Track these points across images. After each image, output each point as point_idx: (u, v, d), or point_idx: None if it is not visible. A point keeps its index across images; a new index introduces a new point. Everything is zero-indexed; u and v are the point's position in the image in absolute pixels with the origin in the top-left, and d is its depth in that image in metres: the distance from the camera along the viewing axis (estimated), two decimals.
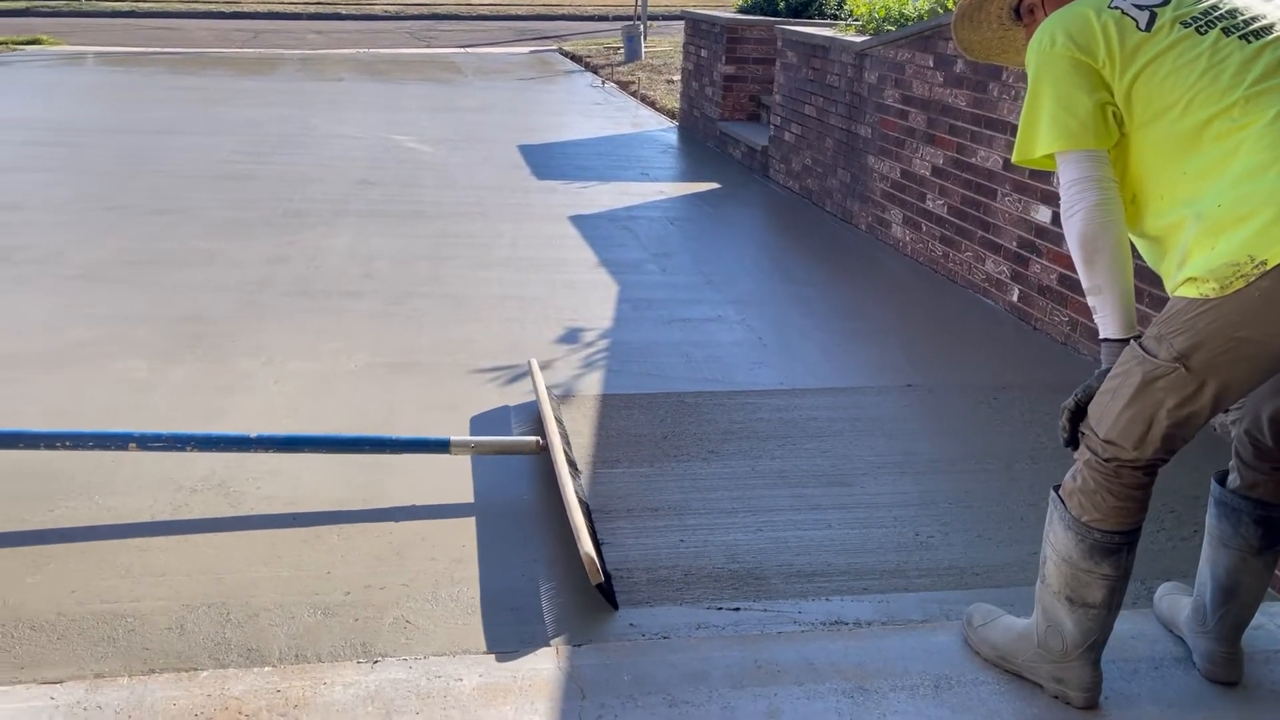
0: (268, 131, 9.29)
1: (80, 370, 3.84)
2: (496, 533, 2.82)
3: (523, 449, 3.09)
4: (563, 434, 3.29)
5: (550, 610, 2.48)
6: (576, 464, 3.19)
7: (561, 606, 2.50)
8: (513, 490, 3.07)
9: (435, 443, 3.02)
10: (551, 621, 2.44)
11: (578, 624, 2.43)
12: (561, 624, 2.43)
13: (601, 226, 6.25)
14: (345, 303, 4.73)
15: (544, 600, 2.52)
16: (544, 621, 2.44)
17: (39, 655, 2.24)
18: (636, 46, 15.37)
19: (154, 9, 23.44)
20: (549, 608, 2.49)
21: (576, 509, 2.68)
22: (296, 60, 15.81)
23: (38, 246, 5.42)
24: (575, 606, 2.50)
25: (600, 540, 2.76)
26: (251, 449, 2.97)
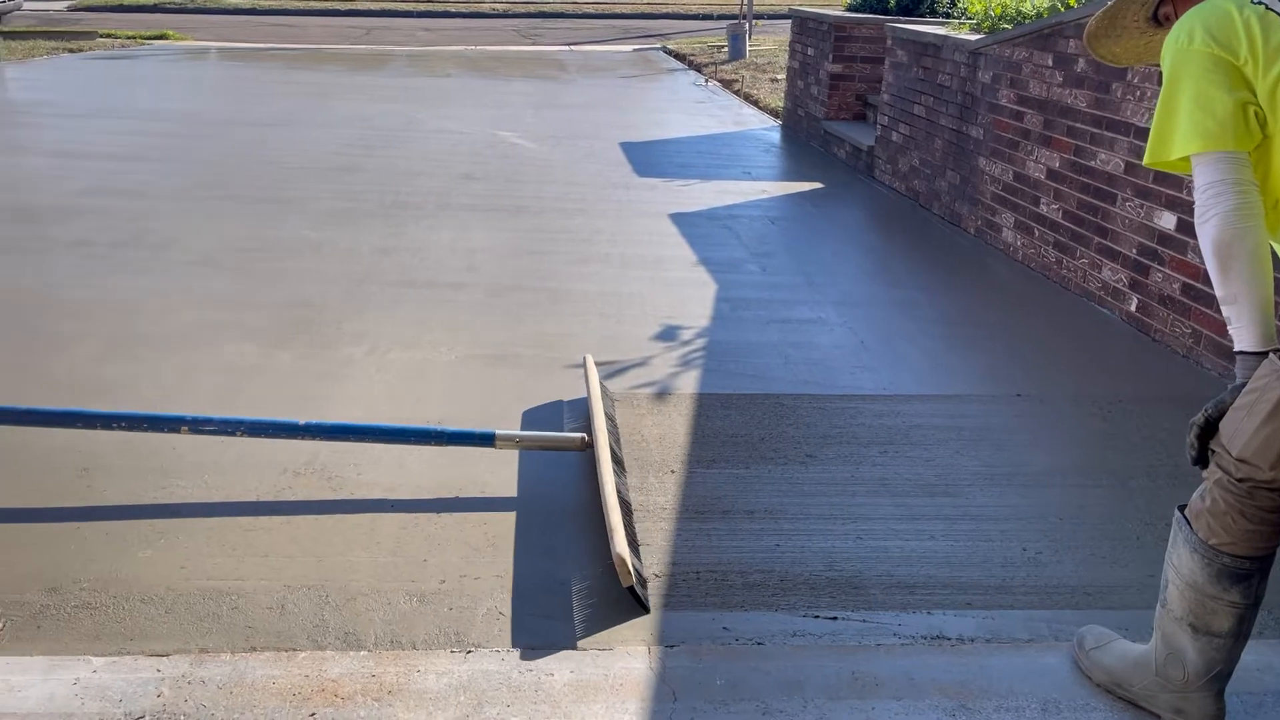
0: (376, 125, 9.50)
1: (194, 352, 3.97)
2: (594, 528, 2.80)
3: (568, 445, 3.04)
4: (613, 432, 3.25)
5: (665, 600, 2.45)
6: (623, 462, 3.14)
7: (657, 605, 2.47)
8: None
9: (480, 436, 2.98)
10: (644, 620, 2.41)
11: (671, 624, 2.40)
12: (654, 623, 2.40)
13: (701, 224, 6.21)
14: (447, 294, 4.78)
15: (649, 595, 2.49)
16: (637, 620, 2.41)
17: (148, 628, 2.31)
18: (741, 45, 15.26)
19: (274, 6, 24.23)
20: (650, 603, 2.46)
21: (614, 509, 2.63)
22: (405, 56, 16.15)
23: (158, 233, 5.63)
24: (672, 605, 2.46)
25: (639, 541, 2.72)
26: (300, 436, 2.96)
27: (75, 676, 2.09)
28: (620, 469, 3.05)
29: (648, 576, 2.58)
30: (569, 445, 3.04)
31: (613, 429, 3.30)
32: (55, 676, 2.09)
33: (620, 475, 3.00)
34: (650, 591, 2.52)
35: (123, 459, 3.06)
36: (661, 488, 3.04)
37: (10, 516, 2.73)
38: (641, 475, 3.10)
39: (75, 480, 2.95)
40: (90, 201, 6.29)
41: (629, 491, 2.98)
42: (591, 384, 3.45)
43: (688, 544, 2.75)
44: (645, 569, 2.60)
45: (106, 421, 2.95)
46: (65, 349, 3.96)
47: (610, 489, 2.73)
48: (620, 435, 3.34)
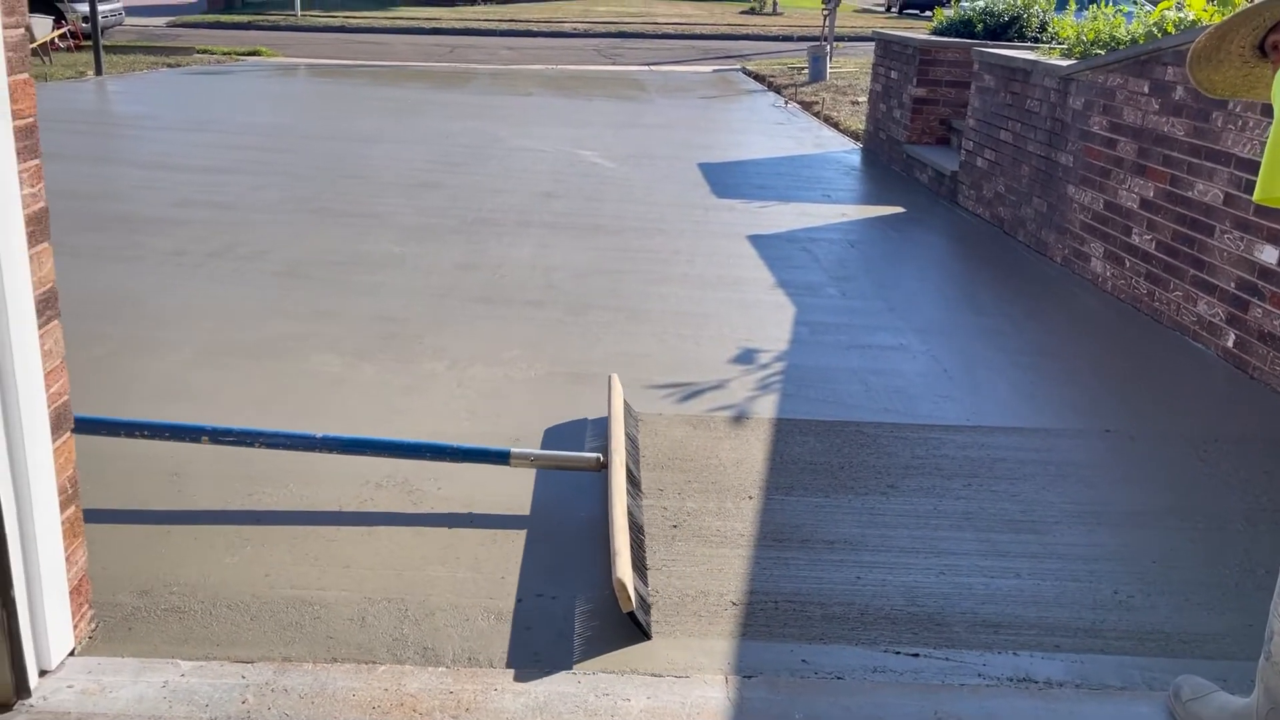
0: (459, 142, 9.65)
1: (281, 362, 4.06)
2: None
3: (583, 465, 3.00)
4: (633, 454, 3.21)
5: (724, 636, 2.43)
6: (640, 483, 3.11)
7: (735, 633, 2.44)
8: (691, 509, 3.03)
9: (496, 453, 2.96)
10: (722, 648, 2.38)
11: (749, 654, 2.36)
12: (731, 652, 2.37)
13: (780, 247, 6.17)
14: (527, 311, 4.82)
15: (725, 623, 2.47)
16: (714, 647, 2.38)
17: (233, 634, 2.35)
18: (821, 67, 15.20)
19: (362, 24, 24.87)
20: (726, 631, 2.44)
21: (621, 531, 2.58)
22: (488, 74, 16.41)
23: (249, 244, 5.79)
24: (750, 634, 2.43)
25: (647, 565, 2.68)
26: (317, 449, 2.96)
27: (164, 679, 2.14)
28: (636, 490, 3.03)
29: (652, 602, 2.54)
30: (584, 465, 3.01)
31: (632, 449, 3.27)
32: (144, 679, 2.14)
33: (635, 497, 2.97)
34: (727, 619, 2.49)
35: (211, 465, 3.13)
36: (739, 513, 3.01)
37: (105, 518, 2.80)
38: (719, 500, 3.08)
39: (166, 485, 3.03)
40: (186, 212, 6.49)
41: (642, 513, 2.94)
42: (614, 404, 3.40)
43: (765, 572, 2.71)
44: (650, 593, 2.56)
45: (130, 430, 2.94)
46: (158, 355, 4.08)
47: (619, 511, 2.69)
48: (685, 458, 3.32)
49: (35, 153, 1.98)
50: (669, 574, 2.68)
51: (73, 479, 2.20)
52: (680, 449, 3.42)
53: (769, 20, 30.11)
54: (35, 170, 1.98)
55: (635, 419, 3.58)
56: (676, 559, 2.76)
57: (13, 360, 1.92)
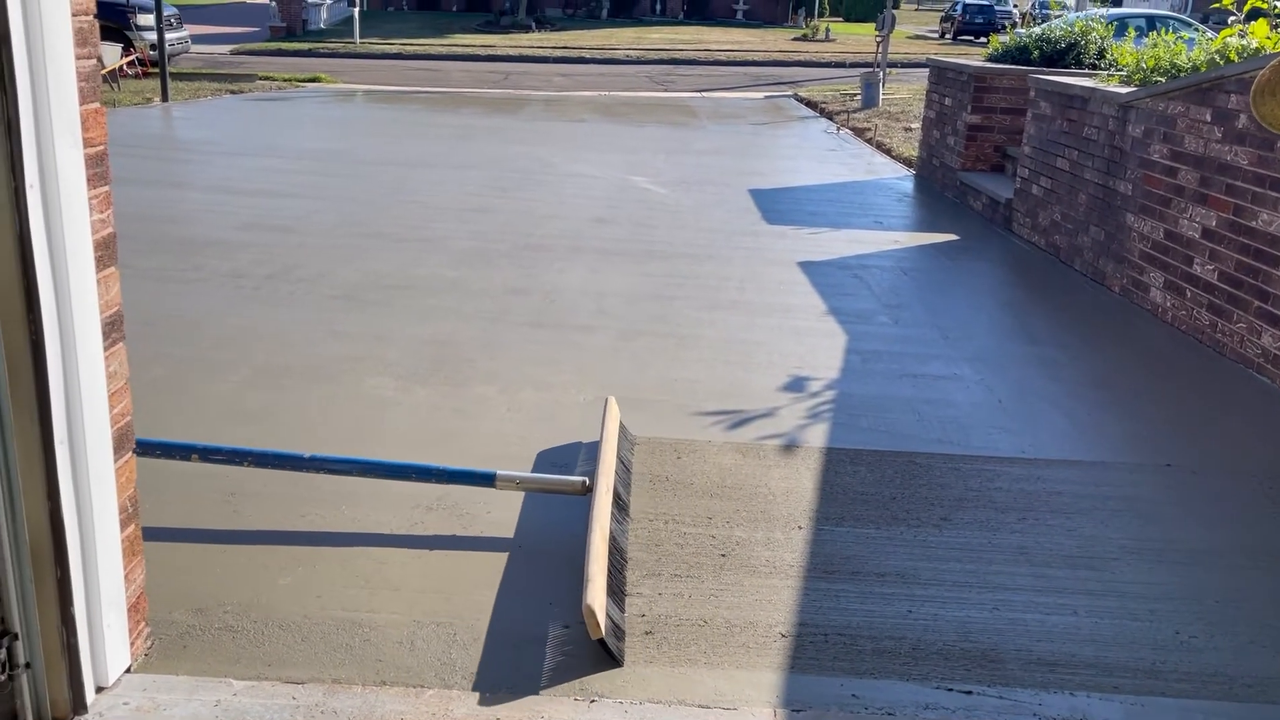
0: (512, 168, 9.76)
1: (336, 384, 4.11)
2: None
3: (568, 488, 3.00)
4: (624, 478, 3.20)
5: (773, 668, 2.40)
6: (628, 508, 3.09)
7: (783, 665, 2.41)
8: (739, 539, 3.01)
9: (481, 475, 2.97)
10: (769, 680, 2.35)
11: (797, 687, 2.33)
12: (779, 685, 2.34)
13: (832, 274, 6.14)
14: (577, 336, 4.84)
15: (774, 655, 2.44)
16: (763, 679, 2.35)
17: (285, 654, 2.37)
18: (874, 93, 15.15)
19: (418, 51, 25.30)
20: (774, 664, 2.41)
21: (597, 558, 2.56)
22: (541, 101, 16.60)
23: (306, 267, 5.89)
24: (798, 667, 2.40)
25: (625, 591, 2.66)
26: (305, 469, 2.98)
27: (217, 698, 2.16)
28: (623, 514, 3.02)
29: (627, 630, 2.51)
30: (569, 489, 3.01)
31: (624, 473, 3.26)
32: (198, 697, 2.16)
33: (621, 521, 2.96)
34: (775, 651, 2.47)
35: (266, 486, 3.18)
36: (788, 544, 2.98)
37: (162, 536, 2.85)
38: (768, 530, 3.05)
39: (221, 505, 3.08)
40: (246, 235, 6.63)
41: (626, 537, 2.93)
42: (608, 427, 3.37)
43: (814, 604, 2.68)
44: (625, 621, 2.54)
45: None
46: (217, 376, 4.16)
47: (597, 537, 2.66)
48: (734, 486, 3.30)
49: (105, 179, 2.04)
50: (717, 604, 2.66)
51: (133, 498, 2.24)
52: (729, 477, 3.40)
53: (821, 47, 30.12)
54: (105, 197, 2.04)
55: (631, 442, 3.57)
56: (725, 589, 2.74)
57: (79, 381, 1.97)
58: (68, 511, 1.98)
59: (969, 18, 35.19)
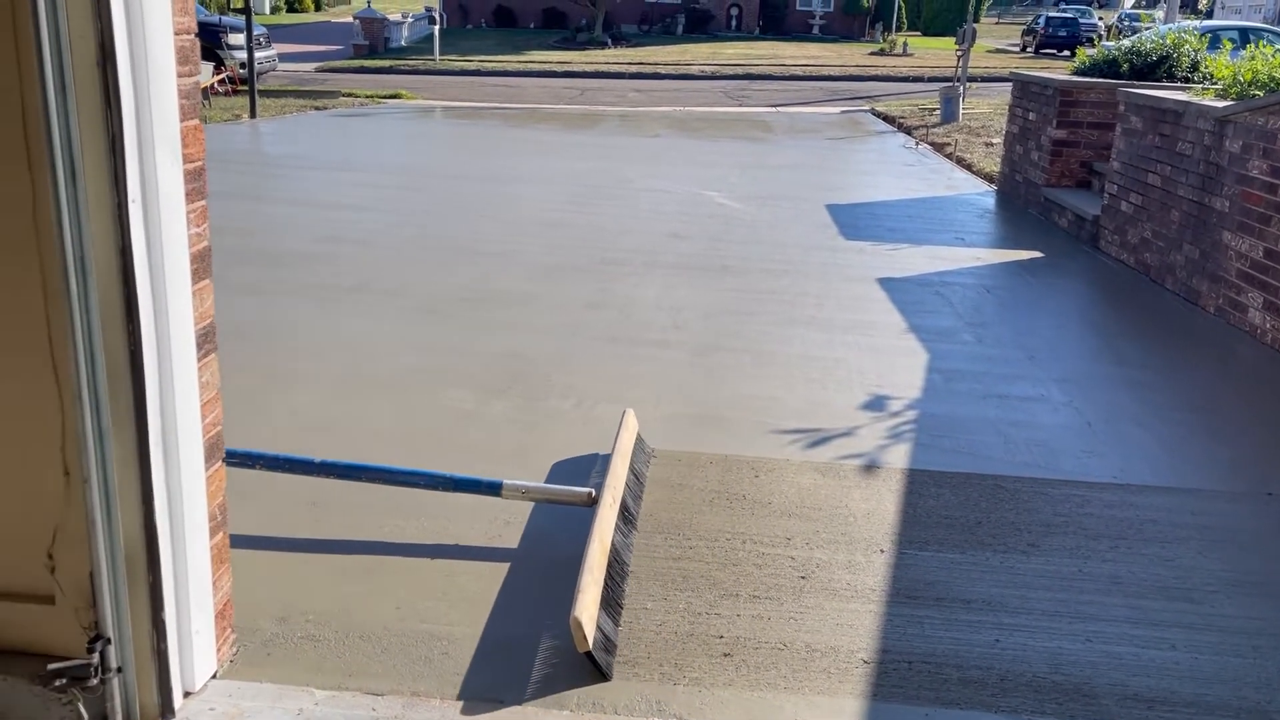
0: (587, 183, 9.81)
1: (415, 395, 4.16)
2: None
3: (574, 499, 2.97)
4: (635, 490, 3.18)
5: (854, 695, 2.34)
6: (635, 520, 3.06)
7: (866, 693, 2.35)
8: (820, 560, 2.95)
9: (488, 484, 2.95)
10: (853, 707, 2.29)
11: (880, 716, 2.27)
12: (862, 713, 2.28)
13: (911, 291, 6.03)
14: (652, 351, 4.83)
15: (856, 682, 2.38)
16: (846, 706, 2.30)
17: (365, 665, 2.39)
18: (954, 108, 14.92)
19: (496, 68, 25.67)
20: (856, 691, 2.35)
21: (591, 569, 2.51)
22: (617, 116, 16.69)
23: (386, 280, 5.98)
24: (881, 695, 2.34)
25: (621, 604, 2.63)
26: (315, 473, 2.98)
27: (299, 707, 2.18)
28: (629, 527, 3.00)
29: (618, 641, 2.49)
30: (575, 500, 2.98)
31: (636, 486, 3.23)
32: (281, 705, 2.19)
33: (627, 534, 2.94)
34: (857, 677, 2.41)
35: (346, 496, 3.21)
36: (869, 567, 2.92)
37: (248, 544, 2.90)
38: (849, 553, 2.99)
39: (305, 513, 3.12)
40: (329, 248, 6.76)
41: (630, 551, 2.91)
42: (622, 439, 3.34)
43: (898, 630, 2.62)
44: (618, 633, 2.52)
45: None
46: (298, 387, 4.24)
47: (595, 549, 2.61)
48: (813, 507, 3.24)
49: (202, 194, 2.08)
50: (797, 627, 2.61)
51: (222, 506, 2.28)
52: (808, 497, 3.34)
53: (899, 61, 29.80)
54: (201, 211, 2.08)
55: (648, 455, 3.56)
56: (805, 612, 2.68)
57: (174, 392, 2.01)
58: (161, 518, 2.02)
59: (1052, 31, 34.52)
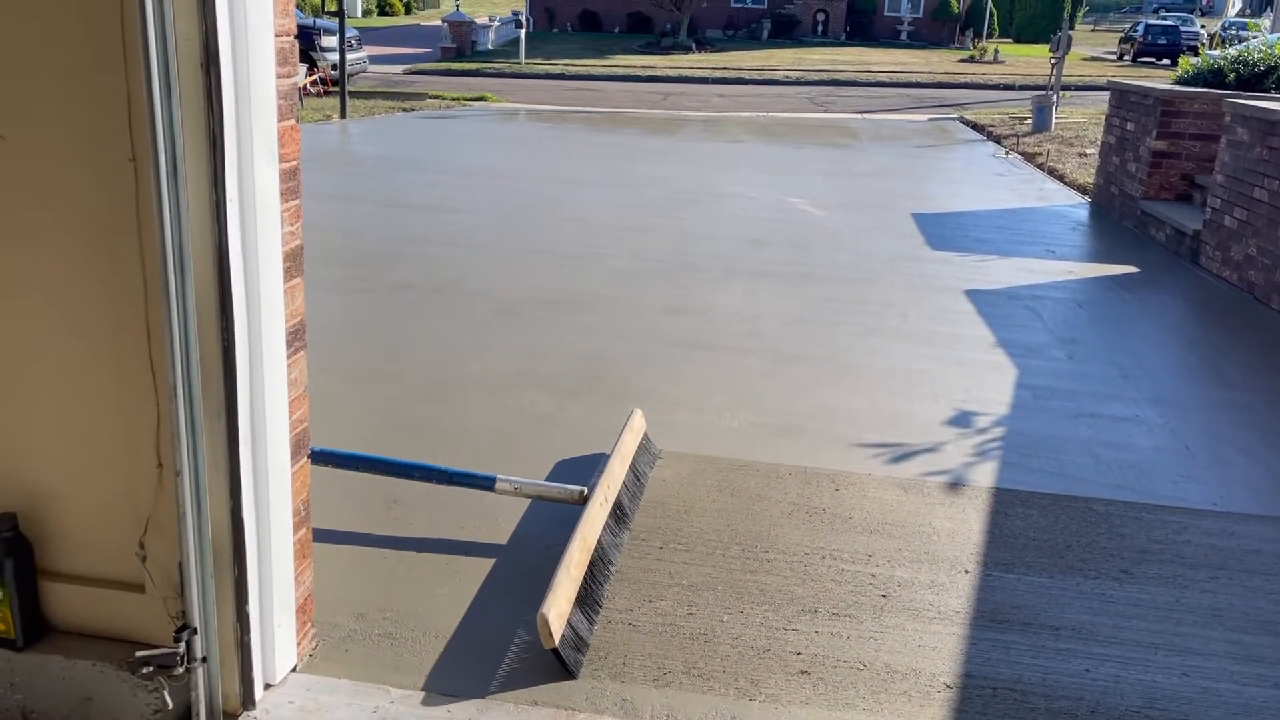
0: (669, 188, 9.80)
1: (494, 396, 4.18)
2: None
3: (565, 497, 2.97)
4: (633, 491, 3.18)
5: (935, 718, 2.27)
6: (627, 520, 3.07)
7: (950, 715, 2.28)
8: (901, 579, 2.88)
9: (483, 478, 2.97)
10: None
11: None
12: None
13: (1000, 304, 5.88)
14: (732, 359, 4.78)
15: (937, 707, 2.31)
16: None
17: (440, 666, 2.39)
18: (1046, 117, 14.55)
19: (580, 72, 25.85)
20: (937, 716, 2.28)
21: (568, 566, 2.50)
22: (700, 121, 16.66)
23: (469, 281, 6.04)
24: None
25: (600, 603, 2.63)
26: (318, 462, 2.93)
27: (375, 705, 2.20)
28: (620, 527, 2.99)
29: (590, 640, 2.48)
30: (566, 498, 2.98)
31: (635, 487, 3.24)
32: (358, 702, 2.20)
33: (617, 534, 2.94)
34: (939, 702, 2.33)
35: (426, 495, 3.24)
36: (954, 588, 2.84)
37: (330, 538, 2.94)
38: (932, 572, 2.91)
39: (385, 512, 3.16)
40: (414, 248, 6.86)
41: (616, 550, 2.90)
42: (624, 439, 3.33)
43: (982, 655, 2.53)
44: (590, 632, 2.51)
45: None
46: (383, 386, 4.29)
47: (575, 546, 2.59)
48: (895, 524, 3.16)
49: (296, 194, 2.11)
50: (877, 647, 2.55)
51: (306, 502, 2.31)
52: (890, 513, 3.27)
53: (989, 68, 29.21)
54: (295, 210, 2.11)
55: (653, 457, 3.56)
56: (885, 631, 2.62)
57: (264, 388, 2.04)
58: (247, 512, 2.05)
59: (1151, 39, 33.51)
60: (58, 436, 2.03)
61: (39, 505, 2.07)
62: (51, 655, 2.06)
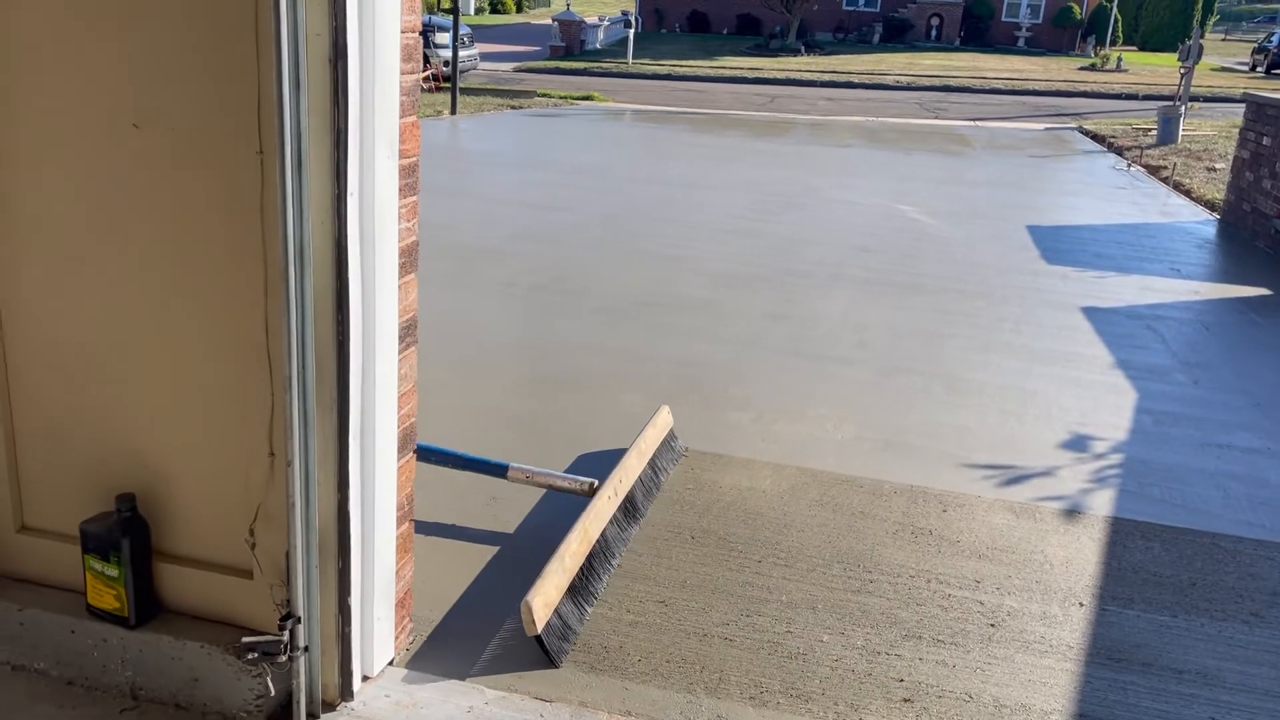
0: (773, 191, 9.68)
1: (592, 397, 4.16)
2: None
3: (574, 488, 3.01)
4: (648, 486, 3.20)
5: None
6: (638, 514, 3.07)
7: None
8: (1011, 609, 2.76)
9: (496, 465, 3.01)
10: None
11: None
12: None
13: (1119, 323, 5.63)
14: (835, 369, 4.68)
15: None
16: None
17: (535, 668, 2.37)
18: (1172, 129, 13.95)
19: (687, 73, 25.81)
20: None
21: (562, 556, 2.52)
22: (806, 125, 16.45)
23: (571, 279, 6.06)
24: None
25: (595, 594, 2.64)
26: None
27: (469, 704, 2.19)
28: (629, 521, 3.01)
29: (579, 631, 2.49)
30: (575, 489, 3.01)
31: (653, 482, 3.25)
32: (453, 700, 2.20)
33: (625, 527, 2.97)
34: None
35: (526, 494, 3.24)
36: (1067, 621, 2.70)
37: (430, 530, 2.96)
38: (1044, 603, 2.78)
39: (484, 508, 3.16)
40: (517, 245, 6.91)
41: (621, 544, 2.91)
42: (645, 434, 3.36)
43: (1098, 694, 2.40)
44: (581, 622, 2.52)
45: None
46: (482, 381, 4.32)
47: (573, 537, 2.62)
48: (1005, 549, 3.03)
49: (414, 190, 2.11)
50: (985, 679, 2.44)
51: (410, 497, 2.31)
52: (1000, 538, 3.14)
53: (1111, 77, 28.18)
54: (412, 206, 2.11)
55: (677, 454, 3.58)
56: (994, 663, 2.50)
57: (375, 382, 2.04)
58: (354, 505, 2.06)
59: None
60: (177, 422, 2.07)
61: (157, 487, 2.12)
62: (162, 635, 2.10)
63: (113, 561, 2.07)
